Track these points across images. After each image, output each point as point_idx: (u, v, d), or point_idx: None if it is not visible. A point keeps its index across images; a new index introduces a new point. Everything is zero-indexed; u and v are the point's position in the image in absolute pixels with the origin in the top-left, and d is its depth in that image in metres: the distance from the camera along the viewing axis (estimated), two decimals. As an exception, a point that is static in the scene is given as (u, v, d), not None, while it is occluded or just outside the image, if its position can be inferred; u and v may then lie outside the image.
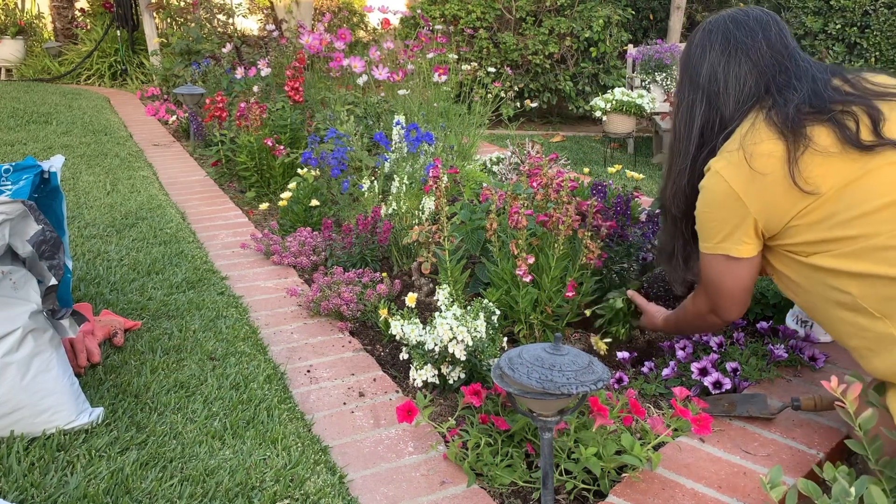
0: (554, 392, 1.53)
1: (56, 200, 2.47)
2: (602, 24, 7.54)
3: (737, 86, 1.94)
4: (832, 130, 1.77)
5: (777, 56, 1.93)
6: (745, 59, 1.94)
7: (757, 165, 1.80)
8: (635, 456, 1.83)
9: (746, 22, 1.97)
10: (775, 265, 1.95)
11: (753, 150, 1.82)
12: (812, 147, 1.76)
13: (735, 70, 1.94)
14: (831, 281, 1.78)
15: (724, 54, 1.96)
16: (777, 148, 1.79)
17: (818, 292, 1.83)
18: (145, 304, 2.88)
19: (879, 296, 1.71)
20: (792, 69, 1.91)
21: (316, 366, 2.51)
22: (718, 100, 1.96)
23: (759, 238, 1.90)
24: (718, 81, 1.96)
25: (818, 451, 2.00)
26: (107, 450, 1.96)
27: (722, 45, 1.97)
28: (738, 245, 1.90)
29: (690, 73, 2.03)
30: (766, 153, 1.80)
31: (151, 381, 2.31)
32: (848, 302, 1.76)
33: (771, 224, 1.84)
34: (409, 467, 1.97)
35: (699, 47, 2.02)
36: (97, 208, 4.08)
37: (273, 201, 4.40)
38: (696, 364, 2.28)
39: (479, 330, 2.26)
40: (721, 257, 1.95)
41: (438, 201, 2.55)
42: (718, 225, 1.91)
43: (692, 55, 2.04)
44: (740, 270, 1.95)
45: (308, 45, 5.71)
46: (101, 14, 10.20)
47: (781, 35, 1.95)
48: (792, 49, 1.94)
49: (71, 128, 6.26)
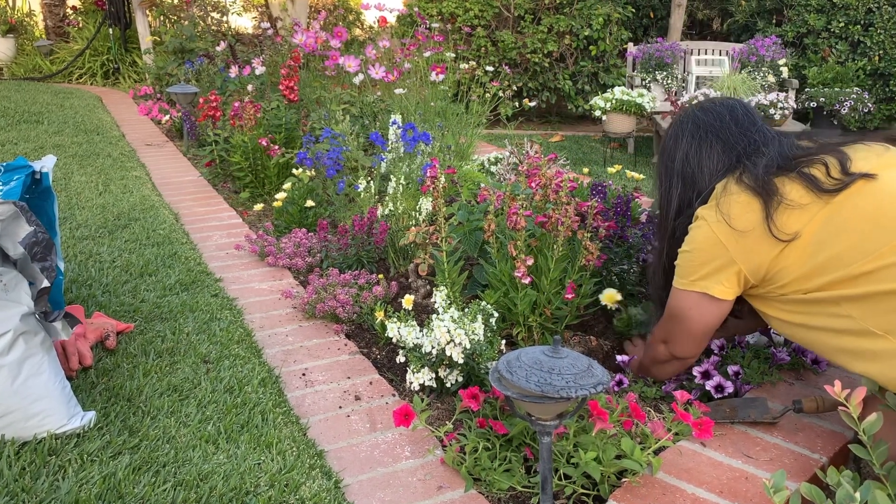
0: (553, 396, 1.53)
1: (48, 201, 2.47)
2: (602, 22, 7.55)
3: (709, 164, 2.08)
4: (801, 183, 1.88)
5: (745, 131, 2.08)
6: (715, 140, 2.09)
7: (736, 225, 1.91)
8: (635, 460, 1.83)
9: (713, 108, 2.15)
10: (773, 315, 2.00)
11: (730, 211, 1.92)
12: (785, 203, 1.87)
13: (707, 151, 2.09)
14: (832, 309, 1.83)
15: (695, 139, 2.12)
16: (753, 204, 1.90)
17: (819, 326, 1.87)
18: (138, 306, 2.87)
19: (880, 311, 1.75)
20: (759, 139, 2.05)
21: (311, 369, 2.50)
22: (694, 180, 2.10)
23: (740, 286, 1.97)
24: (692, 164, 2.11)
25: (821, 456, 2.00)
26: (99, 454, 1.95)
27: (692, 131, 2.13)
28: (718, 285, 1.97)
29: (666, 162, 2.18)
30: (743, 212, 1.91)
31: (144, 385, 2.31)
32: (851, 328, 1.80)
33: (759, 271, 1.92)
34: (405, 472, 1.97)
35: (672, 138, 2.18)
36: (89, 209, 4.08)
37: (268, 202, 4.40)
38: (697, 368, 2.29)
39: (476, 332, 2.26)
40: (696, 294, 2.01)
41: (436, 202, 2.55)
42: (699, 265, 1.99)
43: (667, 147, 2.20)
44: (711, 308, 2.02)
45: (303, 44, 5.72)
46: (93, 12, 10.18)
47: (748, 113, 2.13)
48: (759, 124, 2.10)
49: (62, 127, 6.25)
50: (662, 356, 2.20)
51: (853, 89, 6.62)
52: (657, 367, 2.28)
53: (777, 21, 7.71)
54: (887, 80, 7.03)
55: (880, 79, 7.07)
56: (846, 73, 6.89)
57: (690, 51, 7.28)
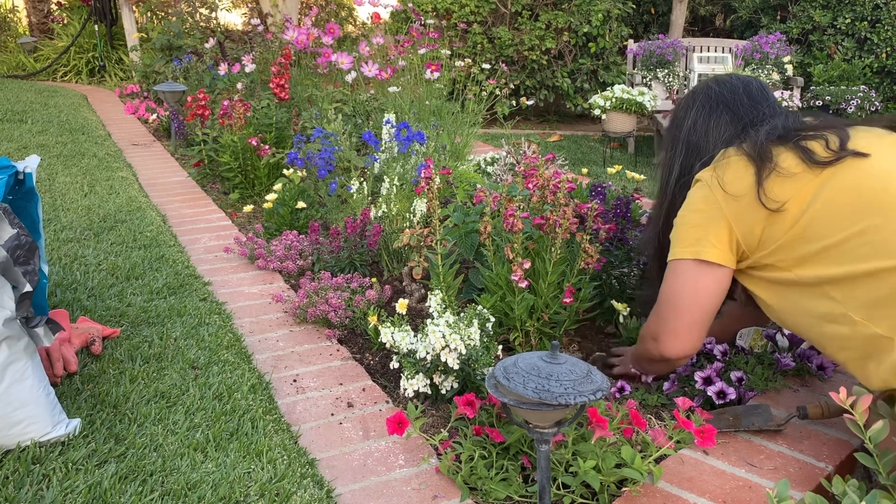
0: (551, 402, 1.53)
1: (31, 202, 2.46)
2: (601, 18, 7.56)
3: (716, 132, 2.14)
4: (795, 153, 1.92)
5: (756, 104, 2.13)
6: (725, 110, 2.15)
7: (729, 189, 1.96)
8: (636, 469, 1.83)
9: (729, 81, 2.20)
10: (760, 294, 2.02)
11: (724, 176, 1.98)
12: (776, 170, 1.91)
13: (715, 120, 2.15)
14: (816, 290, 1.86)
15: (704, 108, 2.18)
16: (748, 169, 1.95)
17: (805, 309, 1.90)
18: (124, 310, 2.87)
19: (861, 298, 1.79)
20: (768, 112, 2.10)
21: (302, 375, 2.50)
22: (698, 147, 2.16)
23: (733, 251, 1.99)
24: (698, 132, 2.16)
25: (827, 465, 2.00)
26: (84, 463, 1.95)
27: (703, 101, 2.19)
28: (711, 248, 1.98)
29: (674, 131, 2.25)
30: (736, 177, 1.96)
31: (131, 391, 2.31)
32: (834, 312, 1.83)
33: (750, 236, 1.95)
34: (399, 481, 1.97)
35: (683, 108, 2.24)
36: (74, 210, 4.08)
37: (258, 203, 4.40)
38: (699, 373, 2.29)
39: (472, 338, 2.26)
40: (690, 264, 2.02)
41: (430, 203, 2.55)
42: (693, 227, 2.02)
43: (677, 116, 2.26)
44: (707, 281, 2.01)
45: (294, 41, 5.71)
46: (78, 8, 10.19)
47: (762, 89, 2.18)
48: (772, 100, 2.14)
49: (47, 126, 6.25)
50: (651, 354, 2.16)
51: (860, 87, 6.63)
52: (645, 365, 2.28)
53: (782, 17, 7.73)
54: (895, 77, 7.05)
55: (888, 77, 7.09)
56: (853, 71, 6.92)
57: (692, 48, 7.30)
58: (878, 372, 1.76)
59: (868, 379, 1.80)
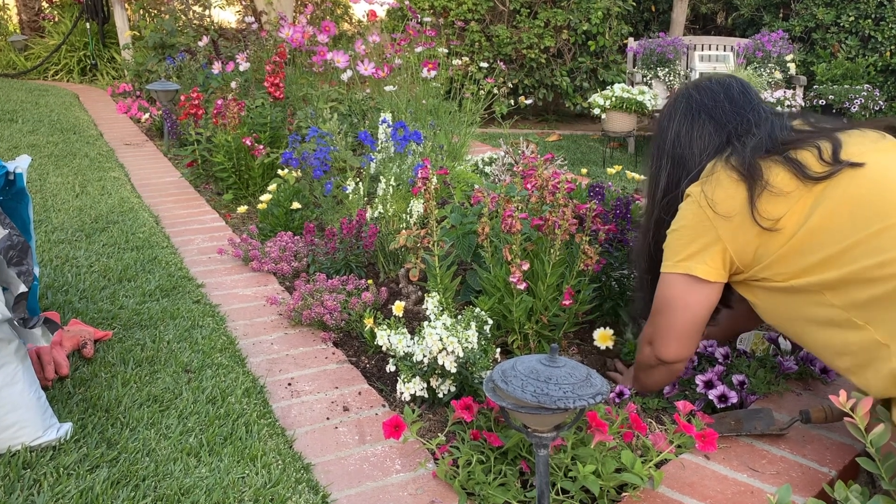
0: (550, 406, 1.53)
1: (22, 203, 2.46)
2: (601, 16, 7.56)
3: (700, 143, 2.13)
4: (787, 169, 1.92)
5: (738, 110, 2.12)
6: (707, 119, 2.14)
7: (720, 209, 1.96)
8: (636, 474, 1.84)
9: (708, 86, 2.20)
10: (757, 302, 2.04)
11: (714, 196, 1.97)
12: (768, 189, 1.91)
13: (699, 131, 2.14)
14: (814, 297, 1.87)
15: (686, 118, 2.17)
16: (738, 187, 1.94)
17: (802, 315, 1.91)
18: (116, 312, 2.87)
19: (858, 301, 1.79)
20: (753, 119, 2.09)
21: (297, 378, 2.50)
22: (684, 160, 2.15)
23: (725, 267, 2.00)
24: (682, 144, 2.16)
25: (830, 469, 2.01)
26: (76, 467, 1.95)
27: (685, 111, 2.18)
28: (702, 265, 2.00)
29: (658, 142, 2.24)
30: (726, 196, 1.96)
31: (123, 395, 2.31)
32: (833, 317, 1.84)
33: (744, 254, 1.96)
34: (396, 486, 1.97)
35: (665, 118, 2.23)
36: (65, 211, 4.07)
37: (252, 204, 4.40)
38: (701, 377, 2.29)
39: (470, 340, 2.26)
40: (681, 278, 2.04)
41: (427, 204, 2.55)
42: (686, 243, 2.03)
43: (661, 127, 2.24)
44: (698, 295, 2.04)
45: (289, 39, 5.72)
46: (69, 6, 10.18)
47: (745, 91, 2.16)
48: (755, 102, 2.13)
49: (38, 126, 6.24)
50: (648, 359, 2.20)
51: (863, 86, 6.64)
52: (645, 373, 2.28)
53: (784, 15, 7.74)
54: (899, 76, 7.07)
55: (892, 75, 7.10)
56: (856, 70, 6.92)
57: (693, 46, 7.30)
58: (877, 380, 1.77)
59: (867, 387, 1.80)
